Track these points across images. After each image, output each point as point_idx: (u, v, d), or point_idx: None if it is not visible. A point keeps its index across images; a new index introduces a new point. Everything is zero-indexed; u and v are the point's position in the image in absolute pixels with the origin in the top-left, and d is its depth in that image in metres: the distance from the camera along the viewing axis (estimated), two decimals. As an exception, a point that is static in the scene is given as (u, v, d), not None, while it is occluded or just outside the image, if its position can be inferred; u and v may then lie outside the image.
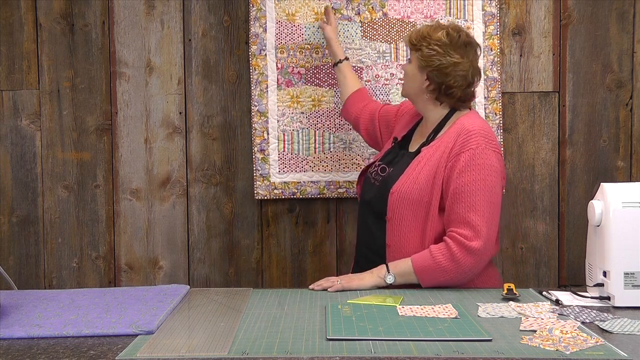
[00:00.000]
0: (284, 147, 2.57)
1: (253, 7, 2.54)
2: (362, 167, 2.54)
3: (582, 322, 1.42)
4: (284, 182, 2.57)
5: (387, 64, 2.54)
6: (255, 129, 2.57)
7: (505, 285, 1.67)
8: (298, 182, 2.56)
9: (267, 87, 2.55)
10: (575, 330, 1.33)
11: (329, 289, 1.78)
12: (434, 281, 1.80)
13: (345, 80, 2.39)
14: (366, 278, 1.83)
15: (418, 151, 1.96)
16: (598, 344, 1.26)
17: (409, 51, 2.09)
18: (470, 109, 2.02)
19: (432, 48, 1.92)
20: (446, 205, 1.85)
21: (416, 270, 1.80)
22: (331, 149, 2.56)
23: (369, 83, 2.54)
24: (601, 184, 1.67)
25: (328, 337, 1.30)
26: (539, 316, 1.46)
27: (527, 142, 2.61)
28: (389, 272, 1.81)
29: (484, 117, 2.51)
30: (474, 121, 1.92)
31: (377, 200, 1.96)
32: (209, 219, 2.65)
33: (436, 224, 1.87)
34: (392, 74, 2.53)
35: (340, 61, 2.40)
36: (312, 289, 1.80)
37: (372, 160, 2.21)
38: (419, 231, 1.88)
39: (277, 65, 2.55)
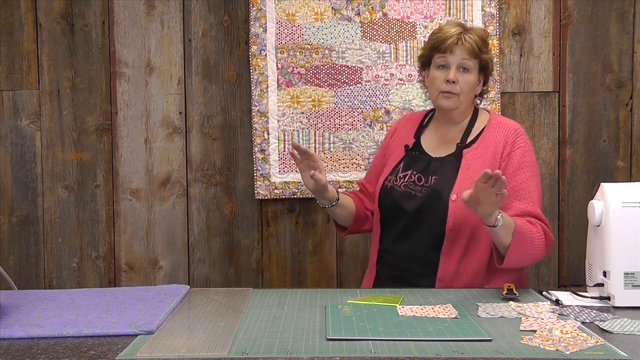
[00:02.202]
0: (284, 147, 2.57)
1: (253, 7, 2.54)
2: (362, 167, 2.54)
3: (582, 322, 1.42)
4: (285, 182, 2.57)
5: (387, 64, 2.54)
6: (256, 129, 2.57)
7: (505, 285, 1.67)
8: (298, 182, 2.56)
9: (267, 88, 2.55)
10: (575, 330, 1.33)
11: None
12: (518, 253, 1.72)
13: (344, 210, 2.08)
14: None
15: (459, 155, 1.90)
16: (598, 344, 1.26)
17: (448, 62, 1.90)
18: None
19: (489, 48, 1.97)
20: (504, 204, 1.77)
21: (516, 231, 1.70)
22: (331, 149, 2.56)
23: (369, 83, 2.54)
24: (601, 184, 1.67)
25: (328, 337, 1.30)
26: (539, 316, 1.45)
27: (527, 142, 2.61)
28: (500, 215, 1.69)
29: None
30: (507, 120, 1.99)
31: (430, 210, 1.87)
32: (209, 219, 2.65)
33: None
34: (392, 74, 2.53)
35: (338, 199, 2.03)
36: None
37: (385, 174, 2.05)
38: (477, 235, 1.85)
39: (277, 66, 2.55)
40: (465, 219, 1.84)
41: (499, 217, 1.67)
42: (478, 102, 2.03)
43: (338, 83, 2.55)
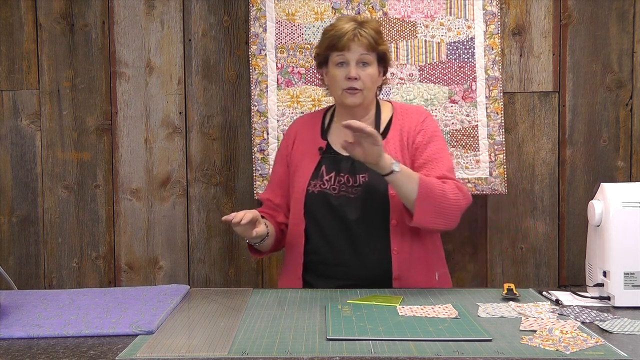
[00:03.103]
0: (284, 147, 2.56)
1: (253, 7, 2.54)
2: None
3: (582, 322, 1.42)
4: (284, 182, 2.57)
5: (387, 64, 2.54)
6: (255, 129, 2.56)
7: (505, 285, 1.67)
8: (298, 182, 2.56)
9: (267, 87, 2.55)
10: (575, 330, 1.33)
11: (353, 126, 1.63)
12: (428, 205, 1.73)
13: (271, 237, 1.94)
14: (385, 156, 1.71)
15: None
16: (598, 344, 1.26)
17: (347, 59, 1.86)
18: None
19: (385, 40, 1.94)
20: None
21: (421, 182, 1.72)
22: (331, 149, 2.56)
23: (369, 83, 2.54)
24: (601, 184, 1.67)
25: (328, 337, 1.30)
26: (539, 316, 1.45)
27: (527, 142, 2.61)
28: (396, 161, 1.71)
29: (485, 117, 2.52)
30: (413, 105, 2.01)
31: (371, 211, 1.84)
32: (209, 219, 2.65)
33: None
34: (392, 74, 2.53)
35: (268, 232, 1.91)
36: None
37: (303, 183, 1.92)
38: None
39: (277, 65, 2.55)
40: (404, 214, 1.83)
41: (393, 162, 1.70)
42: (378, 93, 2.02)
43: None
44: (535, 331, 1.34)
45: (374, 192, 1.85)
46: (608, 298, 1.60)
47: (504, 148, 2.53)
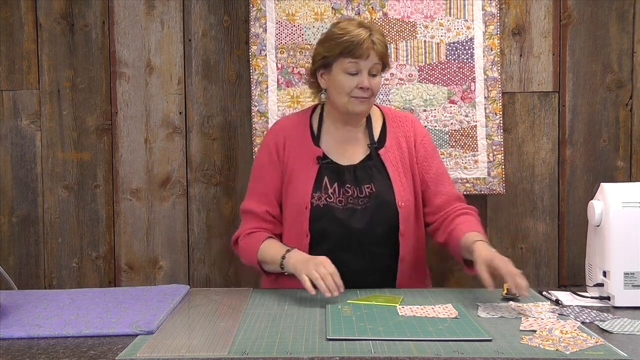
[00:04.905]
0: (284, 147, 2.56)
1: (253, 7, 2.54)
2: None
3: (582, 322, 1.42)
4: (284, 182, 2.57)
5: (387, 64, 2.54)
6: (256, 129, 2.57)
7: (505, 285, 1.67)
8: (298, 182, 2.56)
9: (267, 88, 2.55)
10: (575, 330, 1.33)
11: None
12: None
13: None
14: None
15: (377, 157, 1.86)
16: (598, 344, 1.26)
17: (360, 68, 1.81)
18: None
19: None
20: (430, 190, 1.91)
21: (482, 235, 1.78)
22: (331, 149, 2.56)
23: (369, 83, 2.54)
24: (601, 184, 1.67)
25: (328, 337, 1.31)
26: (539, 316, 1.46)
27: (527, 142, 2.61)
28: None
29: (484, 117, 2.52)
30: (399, 112, 2.03)
31: (379, 221, 1.81)
32: (209, 219, 2.65)
33: (422, 218, 1.94)
34: (392, 74, 2.53)
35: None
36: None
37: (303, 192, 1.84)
38: (418, 235, 1.92)
39: (277, 66, 2.55)
40: (409, 222, 1.86)
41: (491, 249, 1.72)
42: None
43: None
44: (535, 331, 1.34)
45: (382, 203, 1.82)
46: (608, 298, 1.60)
47: (503, 148, 2.53)
